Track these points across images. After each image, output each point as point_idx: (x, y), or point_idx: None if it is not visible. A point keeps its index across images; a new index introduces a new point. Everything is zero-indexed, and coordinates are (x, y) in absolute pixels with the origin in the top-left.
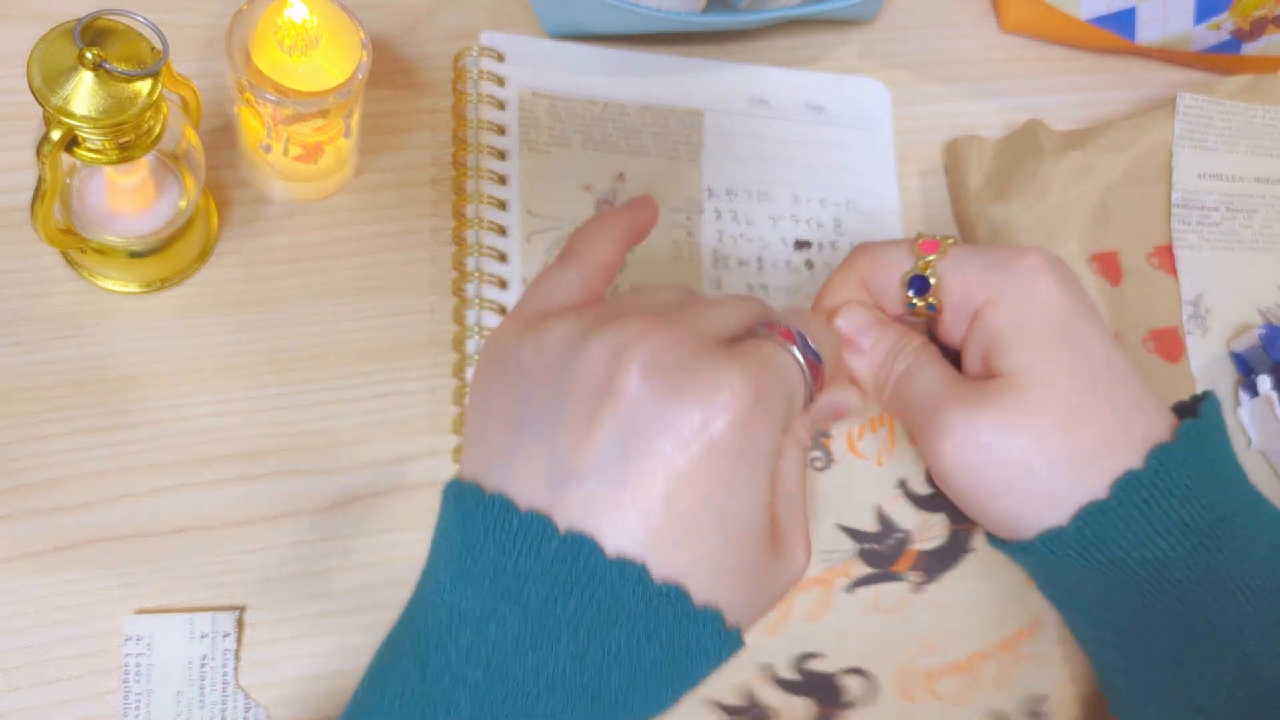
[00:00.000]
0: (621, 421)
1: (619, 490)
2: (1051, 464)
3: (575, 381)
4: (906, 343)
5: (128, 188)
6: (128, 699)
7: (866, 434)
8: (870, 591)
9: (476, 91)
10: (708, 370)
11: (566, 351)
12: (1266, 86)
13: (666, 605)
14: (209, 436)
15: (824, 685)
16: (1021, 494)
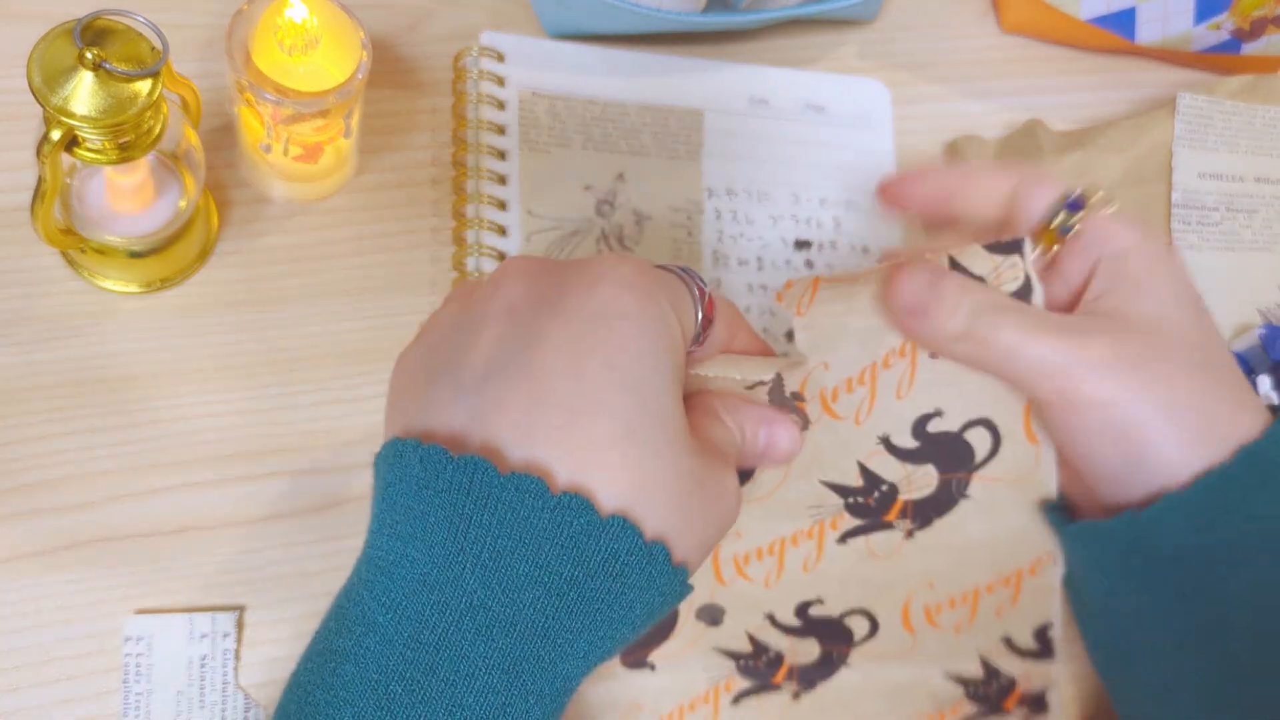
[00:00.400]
0: (507, 323)
1: (515, 387)
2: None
3: (467, 322)
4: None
5: (128, 188)
6: (128, 699)
7: (842, 394)
8: (862, 541)
9: (476, 91)
10: (585, 263)
11: (459, 306)
12: (1266, 86)
13: (572, 516)
14: (209, 436)
15: (829, 628)
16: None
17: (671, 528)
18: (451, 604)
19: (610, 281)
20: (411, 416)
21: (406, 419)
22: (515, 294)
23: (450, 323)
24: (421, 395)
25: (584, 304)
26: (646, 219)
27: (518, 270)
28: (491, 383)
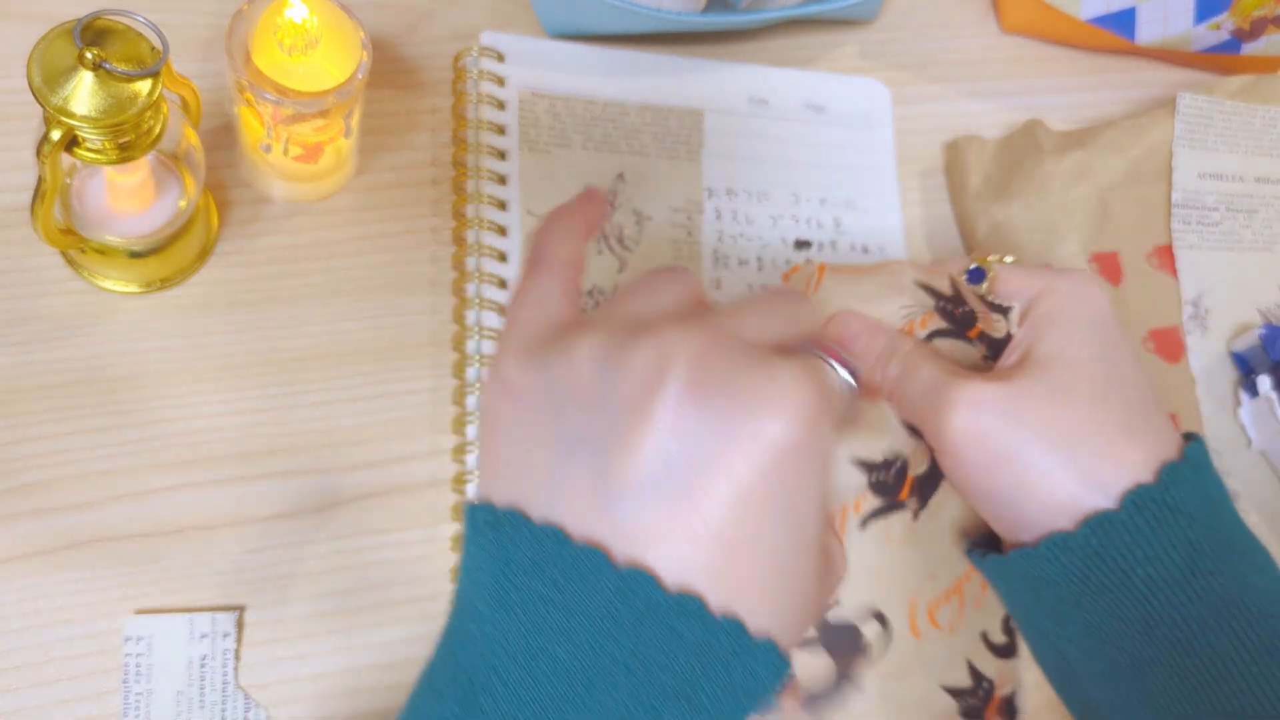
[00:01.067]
0: (672, 433)
1: (676, 508)
2: (1062, 449)
3: (618, 396)
4: (900, 344)
5: (128, 188)
6: (128, 699)
7: None
8: (880, 525)
9: (476, 91)
10: (761, 372)
11: (602, 366)
12: (1266, 86)
13: (725, 638)
14: (209, 436)
15: (844, 637)
16: (1028, 481)
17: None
18: (599, 709)
19: (793, 411)
20: (534, 491)
21: (525, 492)
22: (681, 387)
23: (594, 386)
24: (552, 471)
25: (758, 436)
26: (646, 219)
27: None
28: (647, 500)
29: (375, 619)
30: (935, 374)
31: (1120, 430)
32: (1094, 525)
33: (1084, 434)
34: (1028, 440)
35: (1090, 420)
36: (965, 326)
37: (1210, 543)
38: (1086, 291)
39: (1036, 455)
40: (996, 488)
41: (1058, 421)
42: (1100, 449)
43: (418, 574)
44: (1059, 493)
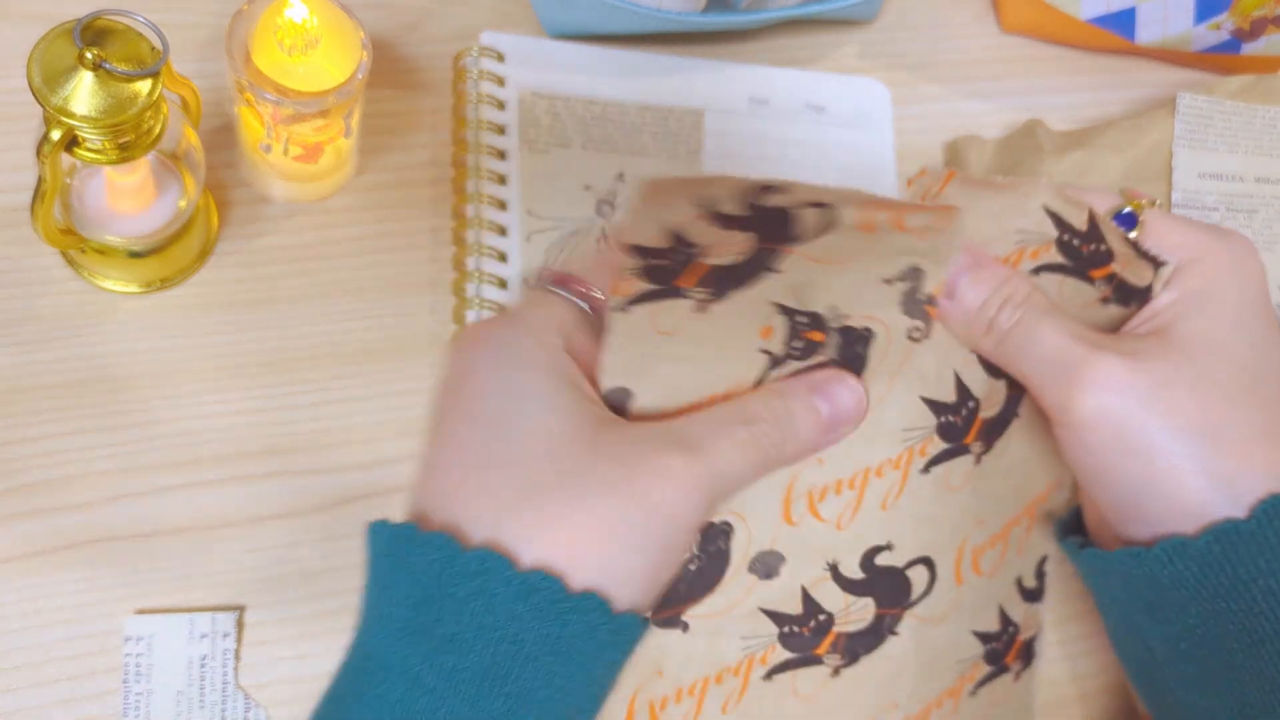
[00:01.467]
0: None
1: (425, 462)
2: (1199, 446)
3: None
4: (1015, 288)
5: (128, 188)
6: (128, 699)
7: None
8: (943, 469)
9: (476, 91)
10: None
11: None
12: (1267, 86)
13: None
14: (209, 436)
15: (891, 581)
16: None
17: (575, 552)
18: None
19: (456, 348)
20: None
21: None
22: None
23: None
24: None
25: (446, 377)
26: None
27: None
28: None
29: None
30: (1064, 340)
31: (1261, 431)
32: (1218, 533)
33: (1223, 432)
34: (1163, 432)
35: (1231, 417)
36: (1091, 265)
37: None
38: (1246, 265)
39: (1170, 449)
40: (1121, 477)
41: (1198, 415)
42: (1238, 451)
43: None
44: (1187, 493)
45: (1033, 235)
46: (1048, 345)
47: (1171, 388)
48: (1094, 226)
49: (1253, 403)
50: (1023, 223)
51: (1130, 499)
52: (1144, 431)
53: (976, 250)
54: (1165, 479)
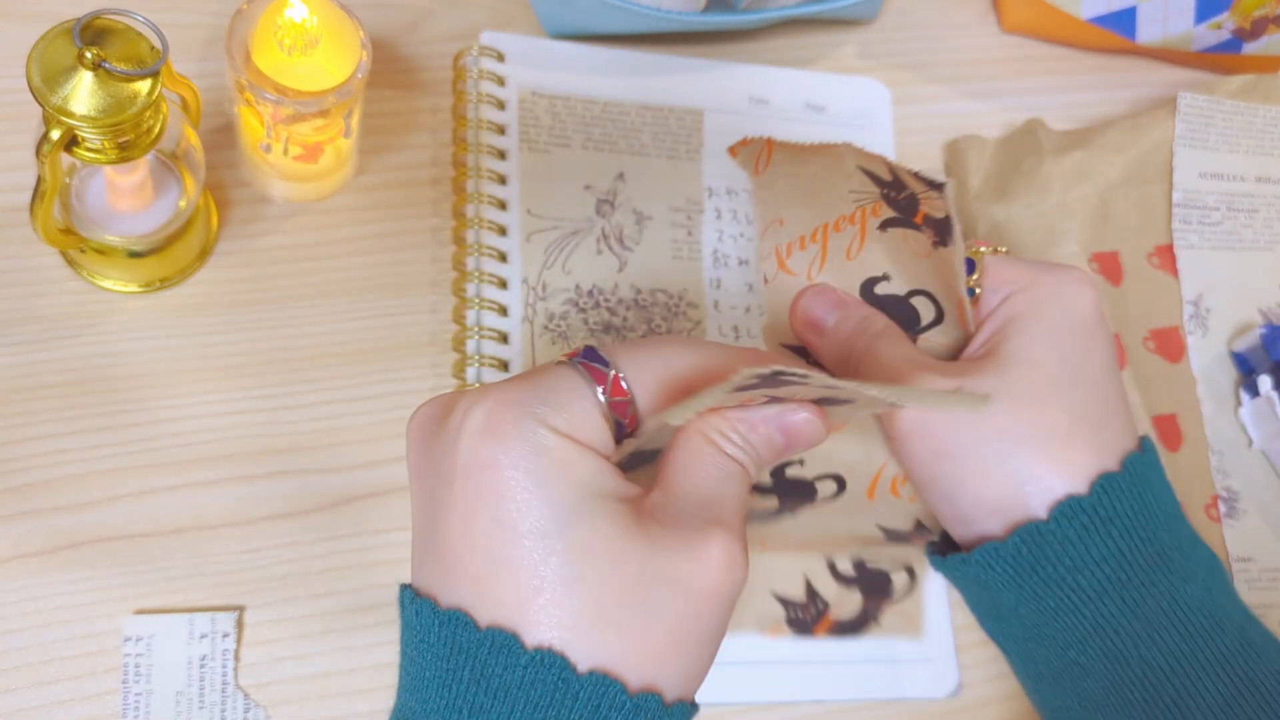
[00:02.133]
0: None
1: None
2: (1003, 452)
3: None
4: (872, 322)
5: (127, 187)
6: (127, 699)
7: (796, 250)
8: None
9: (476, 91)
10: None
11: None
12: (1267, 86)
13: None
14: (209, 436)
15: (797, 489)
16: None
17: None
18: None
19: (465, 435)
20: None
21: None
22: (411, 457)
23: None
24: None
25: (454, 465)
26: (646, 219)
27: (411, 430)
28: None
29: (375, 619)
30: (896, 364)
31: (1065, 438)
32: (1023, 535)
33: (1027, 439)
34: (971, 437)
35: (1036, 426)
36: (910, 213)
37: (1143, 554)
38: (1065, 292)
39: (978, 456)
40: (939, 481)
41: (1003, 425)
42: (1041, 456)
43: None
44: (994, 496)
45: (864, 194)
46: (884, 368)
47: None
48: (895, 176)
49: (1058, 413)
50: (850, 183)
51: (948, 502)
52: (955, 439)
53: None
54: (974, 480)
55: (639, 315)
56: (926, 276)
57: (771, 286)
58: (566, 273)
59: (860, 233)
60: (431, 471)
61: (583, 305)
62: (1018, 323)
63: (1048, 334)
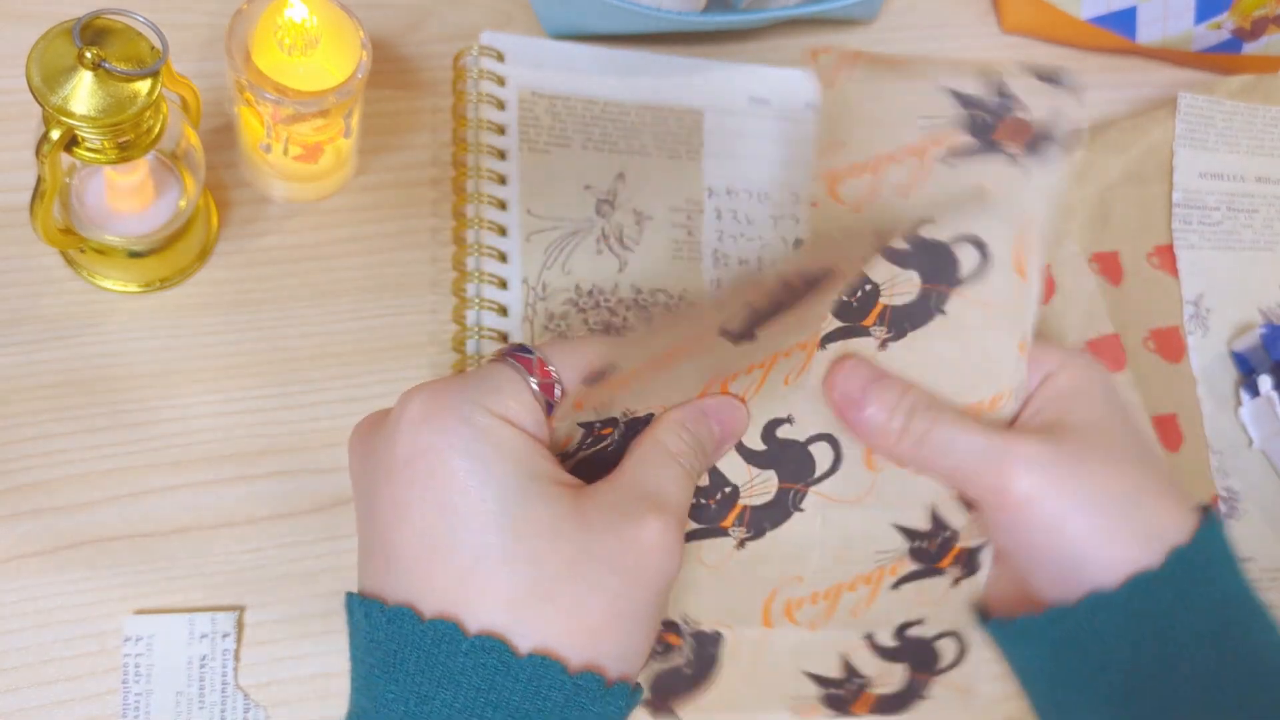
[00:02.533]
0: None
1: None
2: (1116, 508)
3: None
4: (919, 396)
5: (127, 187)
6: (127, 699)
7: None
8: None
9: (476, 91)
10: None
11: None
12: (1267, 86)
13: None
14: (209, 436)
15: (792, 454)
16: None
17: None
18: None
19: (404, 425)
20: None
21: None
22: (353, 465)
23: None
24: None
25: (393, 457)
26: (647, 219)
27: (352, 440)
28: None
29: None
30: (984, 433)
31: (1158, 492)
32: (1136, 583)
33: (1133, 496)
34: (1087, 498)
35: (1135, 482)
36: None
37: (1238, 601)
38: (1097, 374)
39: (1093, 514)
40: (1055, 546)
41: (1114, 482)
42: (1146, 509)
43: None
44: (1115, 549)
45: (938, 119)
46: (971, 440)
47: (1086, 462)
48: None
49: (1144, 471)
50: (925, 108)
51: (1064, 565)
52: (1073, 500)
53: (870, 369)
54: (1095, 539)
55: (639, 315)
56: (980, 219)
57: (817, 212)
58: (566, 273)
59: (920, 166)
60: (370, 469)
61: (583, 305)
62: (1075, 398)
63: (1105, 409)
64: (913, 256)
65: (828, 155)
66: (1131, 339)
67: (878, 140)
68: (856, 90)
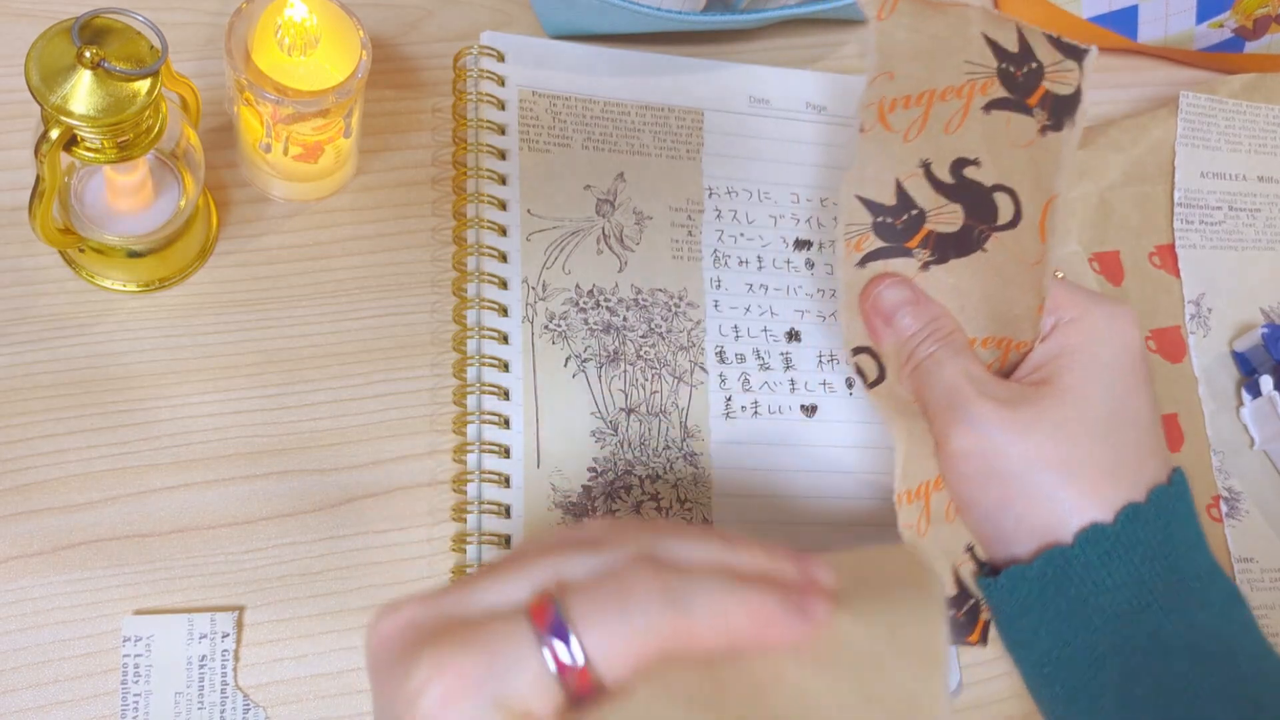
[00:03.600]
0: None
1: None
2: (1046, 480)
3: None
4: (940, 325)
5: (127, 187)
6: (126, 700)
7: (899, 108)
8: (880, 264)
9: (476, 91)
10: (415, 671)
11: None
12: (1269, 85)
13: None
14: (208, 436)
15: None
16: (1009, 501)
17: None
18: None
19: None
20: None
21: None
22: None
23: None
24: None
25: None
26: (647, 219)
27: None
28: None
29: None
30: (959, 381)
31: (1105, 470)
32: (1048, 557)
33: (1073, 468)
34: (1021, 463)
35: (1084, 459)
36: (1027, 93)
37: (1163, 580)
38: (1116, 328)
39: (1026, 479)
40: (984, 500)
41: (1053, 453)
42: (1083, 486)
43: (418, 574)
44: (1034, 517)
45: (979, 68)
46: (945, 382)
47: (1034, 430)
48: (1024, 45)
49: (1101, 447)
50: (968, 52)
51: (991, 520)
52: (1005, 461)
53: (912, 289)
54: (1019, 501)
55: (639, 315)
56: (1019, 169)
57: (867, 137)
58: (566, 272)
59: (964, 109)
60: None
61: (583, 305)
62: (1073, 356)
63: (1102, 372)
64: (956, 191)
65: (878, 85)
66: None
67: (926, 76)
68: (907, 25)
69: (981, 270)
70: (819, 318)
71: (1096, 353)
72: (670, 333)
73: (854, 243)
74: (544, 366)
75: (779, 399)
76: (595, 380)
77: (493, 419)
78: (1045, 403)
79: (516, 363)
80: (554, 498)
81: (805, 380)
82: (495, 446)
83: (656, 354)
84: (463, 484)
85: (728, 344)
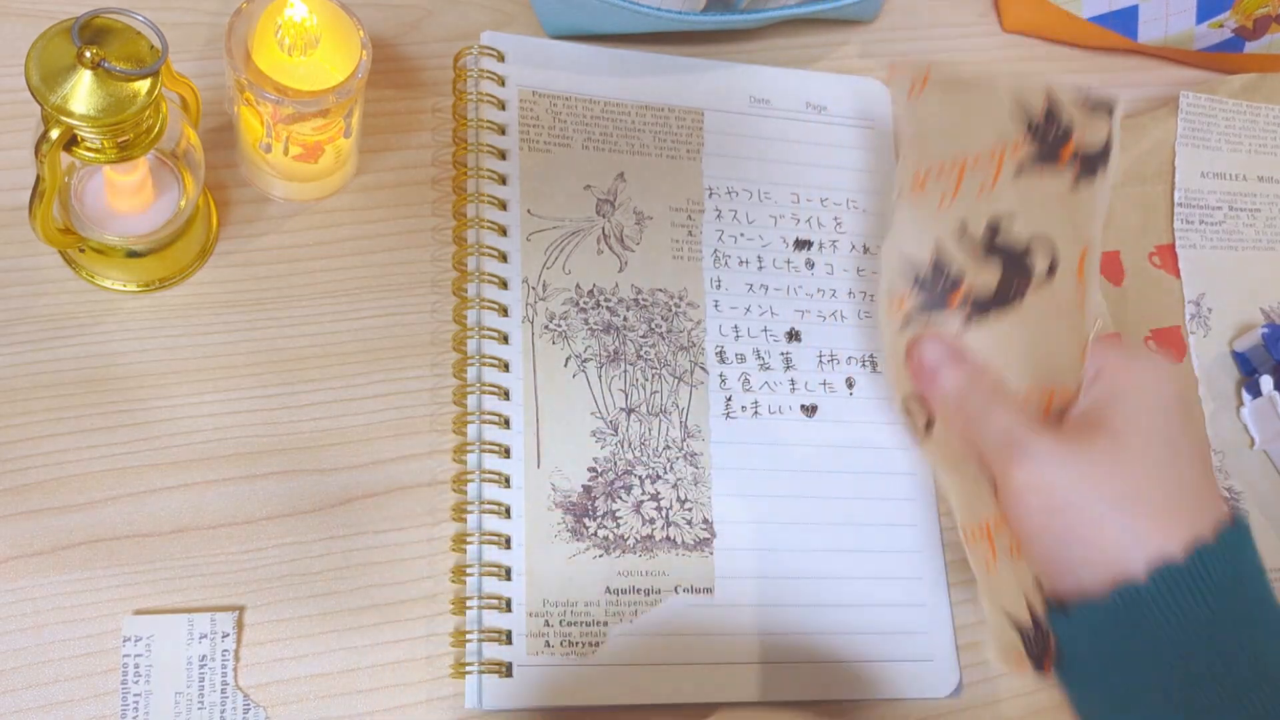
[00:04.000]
0: None
1: None
2: (1114, 510)
3: None
4: (982, 378)
5: (127, 187)
6: (126, 700)
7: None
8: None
9: (477, 91)
10: None
11: None
12: (1270, 85)
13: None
14: (208, 436)
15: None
16: (1078, 532)
17: None
18: None
19: None
20: None
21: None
22: None
23: None
24: None
25: None
26: (647, 219)
27: None
28: None
29: (375, 619)
30: (1013, 423)
31: (1167, 505)
32: (1120, 594)
33: (1135, 501)
34: (1085, 495)
35: (1144, 492)
36: (1057, 150)
37: (1232, 618)
38: (1161, 375)
39: (1089, 508)
40: (1048, 533)
41: (1115, 486)
42: (1145, 518)
43: (418, 574)
44: (1104, 541)
45: (1008, 131)
46: (1000, 426)
47: (1095, 464)
48: (1053, 107)
49: (1163, 484)
50: (998, 121)
51: (1057, 552)
52: (1069, 494)
53: (950, 347)
54: (1087, 531)
55: (639, 315)
56: (1054, 220)
57: (905, 202)
58: (567, 272)
59: (996, 172)
60: None
61: (583, 305)
62: (1123, 400)
63: (1154, 414)
64: (992, 250)
65: (912, 156)
66: (1132, 339)
67: (958, 147)
68: (937, 99)
69: (1022, 323)
70: (819, 318)
71: (1144, 397)
72: (670, 333)
73: (897, 302)
74: (544, 366)
75: (779, 399)
76: (595, 380)
77: (493, 419)
78: (1102, 442)
79: (517, 363)
80: (554, 498)
81: (805, 380)
82: (495, 446)
83: (657, 354)
84: (463, 484)
85: (728, 344)
